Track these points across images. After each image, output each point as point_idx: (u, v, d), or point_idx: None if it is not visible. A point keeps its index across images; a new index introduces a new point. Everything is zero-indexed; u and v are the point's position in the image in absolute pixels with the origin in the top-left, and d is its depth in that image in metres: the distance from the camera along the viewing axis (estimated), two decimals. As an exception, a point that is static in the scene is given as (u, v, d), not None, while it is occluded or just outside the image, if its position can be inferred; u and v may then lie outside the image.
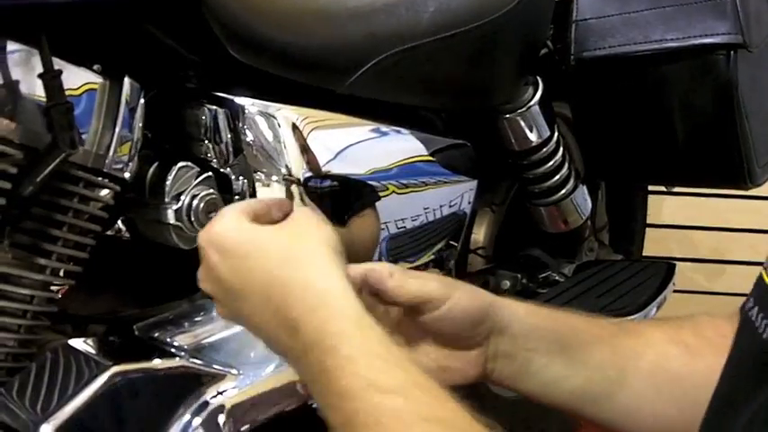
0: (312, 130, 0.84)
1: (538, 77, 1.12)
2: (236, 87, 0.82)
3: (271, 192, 0.81)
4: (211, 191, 0.78)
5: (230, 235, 0.51)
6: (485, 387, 1.15)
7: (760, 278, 0.43)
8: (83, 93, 0.69)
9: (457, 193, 1.02)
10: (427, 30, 0.92)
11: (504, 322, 0.56)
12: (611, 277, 1.24)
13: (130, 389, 0.71)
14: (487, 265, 1.19)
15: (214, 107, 0.80)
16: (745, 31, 1.01)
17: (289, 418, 0.75)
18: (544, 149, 1.14)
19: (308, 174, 0.82)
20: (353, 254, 0.83)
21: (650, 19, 1.06)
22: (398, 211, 0.93)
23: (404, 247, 0.95)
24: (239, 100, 0.81)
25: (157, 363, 0.74)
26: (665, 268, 1.29)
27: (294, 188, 0.82)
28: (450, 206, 1.01)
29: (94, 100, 0.71)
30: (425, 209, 0.97)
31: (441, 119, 1.03)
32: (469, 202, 1.04)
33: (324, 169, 0.84)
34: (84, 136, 0.69)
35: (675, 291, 1.29)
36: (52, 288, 0.72)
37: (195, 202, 0.77)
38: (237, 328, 0.77)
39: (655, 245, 1.69)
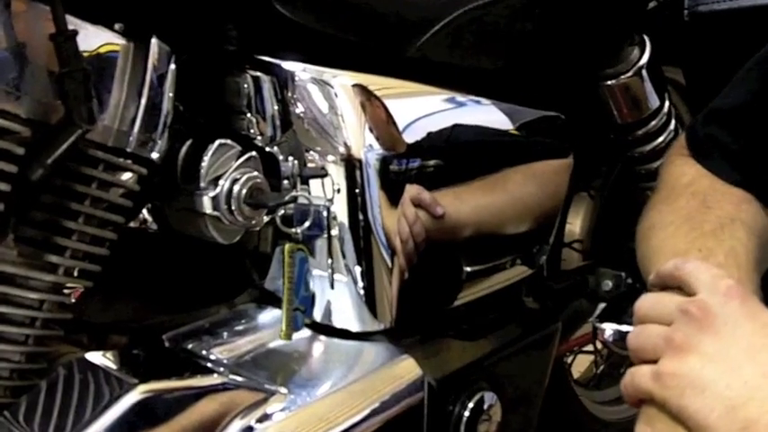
0: (375, 100, 0.77)
1: (645, 37, 1.06)
2: (284, 50, 0.77)
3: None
4: (255, 173, 0.73)
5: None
6: (588, 415, 1.06)
7: None
8: (102, 57, 0.65)
9: (548, 176, 0.94)
10: (511, -19, 0.88)
11: None
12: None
13: (159, 411, 0.66)
14: (585, 262, 1.14)
15: (258, 73, 0.75)
16: None
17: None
18: (653, 122, 1.08)
19: (371, 153, 0.75)
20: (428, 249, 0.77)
21: (779, -32, 1.01)
22: (479, 197, 0.85)
23: (486, 241, 0.87)
24: (288, 65, 0.75)
25: (191, 380, 0.70)
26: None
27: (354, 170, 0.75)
28: (541, 191, 0.94)
29: (116, 66, 0.66)
30: (511, 195, 0.89)
31: (529, 87, 0.95)
32: (564, 187, 0.96)
33: (390, 147, 0.76)
34: (103, 109, 0.65)
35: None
36: (65, 291, 0.68)
37: (236, 188, 0.72)
38: (281, 341, 0.74)
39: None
